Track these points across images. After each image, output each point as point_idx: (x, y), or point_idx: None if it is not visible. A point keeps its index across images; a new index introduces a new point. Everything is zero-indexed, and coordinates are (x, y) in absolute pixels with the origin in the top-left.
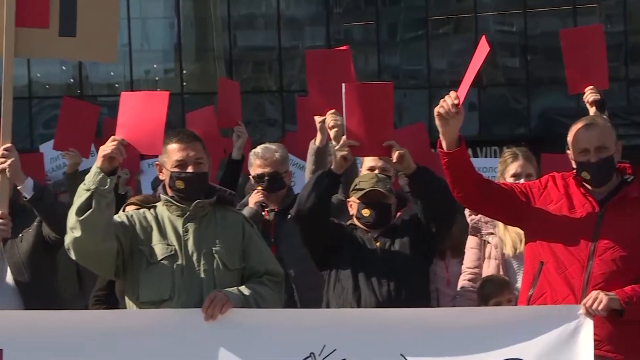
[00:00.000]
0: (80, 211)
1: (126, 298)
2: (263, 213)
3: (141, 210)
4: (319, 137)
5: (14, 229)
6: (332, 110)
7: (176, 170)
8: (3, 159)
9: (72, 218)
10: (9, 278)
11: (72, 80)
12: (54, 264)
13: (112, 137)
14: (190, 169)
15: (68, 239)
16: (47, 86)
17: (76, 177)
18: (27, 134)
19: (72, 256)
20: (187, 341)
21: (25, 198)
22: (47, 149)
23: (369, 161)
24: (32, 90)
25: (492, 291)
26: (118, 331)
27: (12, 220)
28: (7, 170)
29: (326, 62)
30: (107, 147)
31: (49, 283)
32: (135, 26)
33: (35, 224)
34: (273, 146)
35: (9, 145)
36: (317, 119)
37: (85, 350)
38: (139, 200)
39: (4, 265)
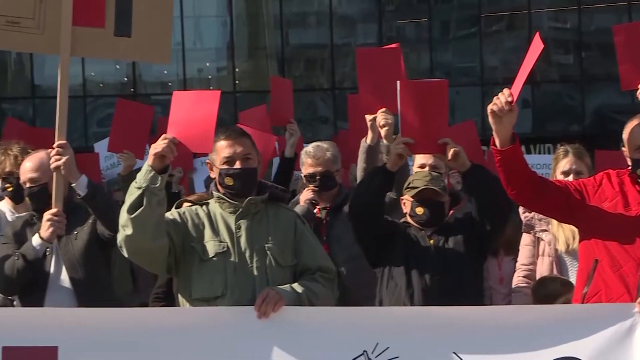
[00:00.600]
0: (131, 209)
1: (179, 295)
2: (315, 211)
3: (193, 207)
4: (370, 135)
5: (68, 226)
6: (383, 109)
7: (225, 167)
8: (58, 156)
9: (123, 216)
10: (64, 275)
11: (125, 79)
12: (108, 261)
13: (163, 136)
14: (238, 165)
15: (120, 237)
16: (101, 85)
17: (131, 178)
18: (82, 133)
19: (124, 253)
20: (239, 339)
21: (79, 195)
22: (101, 147)
23: (419, 158)
24: (86, 89)
25: (558, 289)
26: (170, 328)
27: (67, 217)
28: (61, 167)
29: (377, 60)
30: (158, 146)
31: (104, 280)
32: (188, 25)
33: (89, 221)
34: (325, 145)
35: (63, 142)
36: (368, 117)
37: (138, 348)
38: (193, 199)
39: (59, 262)
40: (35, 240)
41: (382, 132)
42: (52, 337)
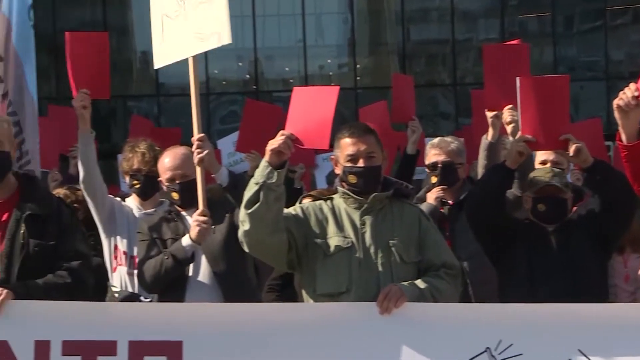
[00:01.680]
0: (249, 204)
1: (303, 291)
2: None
3: (317, 202)
4: (490, 131)
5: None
6: (510, 106)
7: (348, 164)
8: (199, 149)
9: (242, 211)
10: (203, 273)
11: (248, 76)
12: (247, 253)
13: (280, 132)
14: (361, 163)
15: (240, 232)
16: (224, 82)
17: None
18: (205, 130)
19: (245, 248)
20: (361, 335)
21: (221, 186)
22: (224, 144)
23: (541, 155)
24: (209, 87)
25: None
26: (294, 324)
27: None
28: (204, 159)
29: (503, 56)
30: (275, 142)
31: (244, 272)
32: (309, 22)
33: (227, 214)
34: (449, 138)
35: (202, 135)
36: (489, 113)
37: (262, 343)
38: (316, 194)
39: (197, 261)
40: (185, 240)
41: (508, 129)
42: (178, 332)
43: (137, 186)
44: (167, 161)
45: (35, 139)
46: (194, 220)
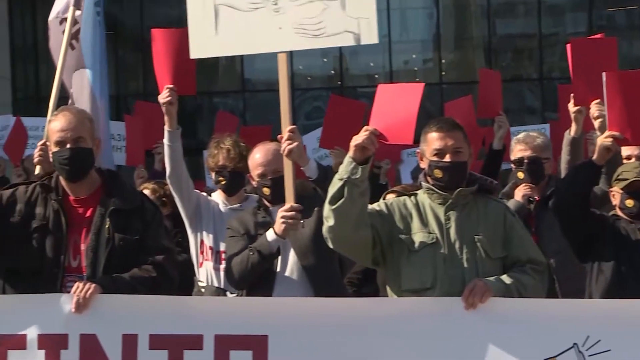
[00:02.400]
0: (333, 200)
1: (387, 287)
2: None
3: (401, 198)
4: (574, 127)
5: None
6: (597, 100)
7: (434, 159)
8: (289, 141)
9: (326, 207)
10: (290, 269)
11: (333, 72)
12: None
13: (364, 127)
14: (448, 158)
15: (324, 228)
16: (308, 78)
17: None
18: None
19: (329, 244)
20: (446, 330)
21: (310, 178)
22: (308, 140)
23: (626, 150)
24: (294, 82)
25: None
26: (379, 318)
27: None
28: (293, 151)
29: (590, 50)
30: (359, 137)
31: (332, 267)
32: (394, 17)
33: (316, 209)
34: (535, 133)
35: (293, 127)
36: (572, 108)
37: (346, 337)
38: (400, 189)
39: (285, 256)
40: (270, 235)
41: (596, 124)
42: (263, 326)
43: (223, 182)
44: (258, 157)
45: (107, 139)
46: (279, 215)
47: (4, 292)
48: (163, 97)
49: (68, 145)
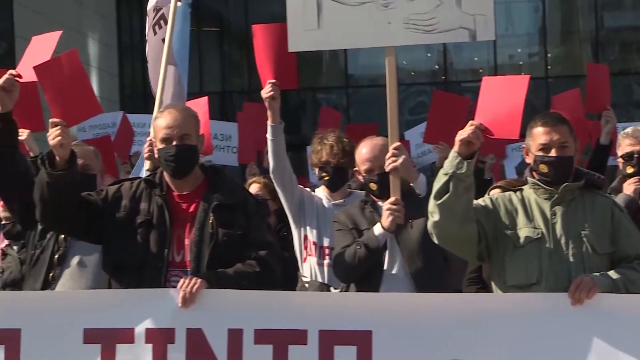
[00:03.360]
0: (438, 195)
1: (492, 282)
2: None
3: (506, 193)
4: None
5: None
6: None
7: (540, 153)
8: (394, 158)
9: (431, 202)
10: (399, 266)
11: (437, 66)
12: (442, 250)
13: (469, 122)
14: (554, 153)
15: (429, 223)
16: (412, 73)
17: None
18: None
19: (434, 240)
20: (552, 326)
21: (420, 195)
22: (412, 135)
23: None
24: (398, 77)
25: None
26: (483, 315)
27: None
28: (398, 168)
29: None
30: (465, 132)
31: (441, 269)
32: (499, 11)
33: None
34: None
35: (398, 144)
36: None
37: (451, 334)
38: (504, 184)
39: (393, 252)
40: (377, 229)
41: None
42: (367, 322)
43: (326, 178)
44: (365, 152)
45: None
46: (385, 208)
47: (109, 286)
48: (265, 91)
49: (174, 142)
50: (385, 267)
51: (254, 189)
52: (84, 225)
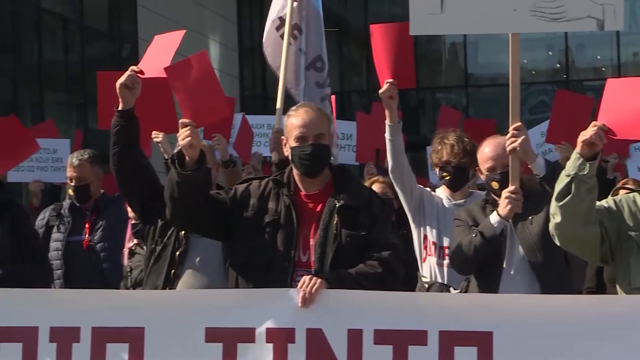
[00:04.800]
0: (560, 197)
1: (616, 285)
2: None
3: (631, 195)
4: None
5: (524, 211)
6: None
7: None
8: (514, 138)
9: (553, 204)
10: (520, 261)
11: (558, 65)
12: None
13: (592, 123)
14: None
15: (551, 225)
16: (533, 72)
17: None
18: None
19: (556, 242)
20: None
21: (537, 176)
22: (533, 135)
23: None
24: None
25: None
26: (605, 316)
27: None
28: (517, 148)
29: None
30: (587, 133)
31: (561, 264)
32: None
33: (545, 205)
34: None
35: (518, 124)
36: None
37: (573, 335)
38: (632, 186)
39: (513, 246)
40: (494, 217)
41: None
42: (488, 322)
43: (447, 178)
44: (488, 150)
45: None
46: (503, 195)
47: (236, 285)
48: (383, 91)
49: (309, 142)
50: (504, 266)
51: (377, 188)
52: (212, 223)
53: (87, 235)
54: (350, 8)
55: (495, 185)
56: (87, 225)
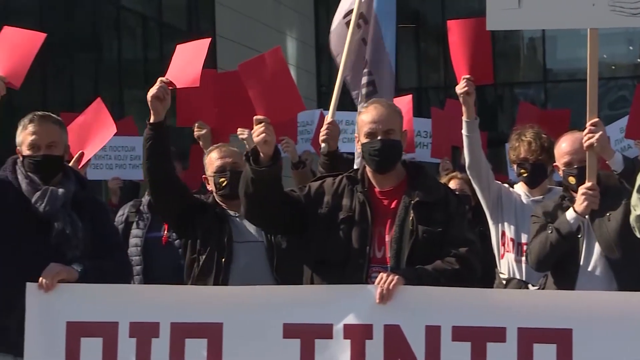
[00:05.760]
0: None
1: None
2: None
3: None
4: None
5: (602, 208)
6: None
7: None
8: (591, 134)
9: (634, 196)
10: (598, 259)
11: (638, 60)
12: None
13: None
14: None
15: (631, 217)
16: (612, 67)
17: None
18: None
19: (636, 233)
20: None
21: (615, 172)
22: (612, 130)
23: None
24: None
25: None
26: None
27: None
28: (595, 144)
29: None
30: None
31: (638, 261)
32: None
33: (623, 202)
34: None
35: (596, 120)
36: None
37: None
38: None
39: (590, 243)
40: (570, 214)
41: None
42: (567, 319)
43: (525, 175)
44: (565, 146)
45: (390, 99)
46: (580, 191)
47: (311, 282)
48: (460, 87)
49: (378, 137)
50: (581, 263)
51: (455, 184)
52: (287, 221)
53: (165, 232)
54: (427, 3)
55: (572, 180)
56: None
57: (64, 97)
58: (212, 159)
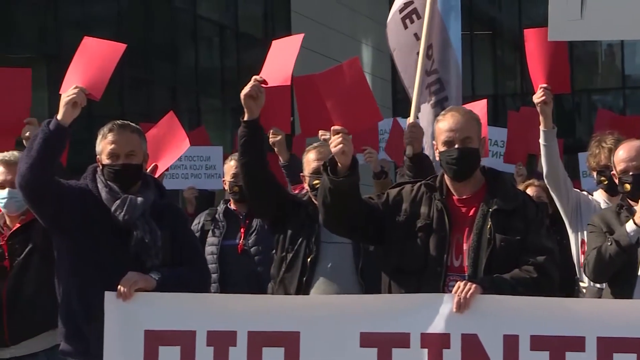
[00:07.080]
0: None
1: None
2: None
3: None
4: None
5: None
6: None
7: None
8: None
9: None
10: None
11: None
12: None
13: None
14: None
15: None
16: None
17: None
18: None
19: None
20: None
21: None
22: None
23: None
24: None
25: None
26: None
27: None
28: None
29: None
30: None
31: None
32: None
33: None
34: None
35: None
36: None
37: None
38: None
39: None
40: (630, 226)
41: None
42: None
43: (605, 182)
44: (622, 153)
45: (459, 98)
46: None
47: (389, 290)
48: (537, 96)
49: (456, 145)
50: (639, 274)
51: (532, 191)
52: (365, 228)
53: (241, 240)
54: (504, 11)
55: (627, 187)
56: (242, 230)
57: (142, 107)
58: (310, 160)
